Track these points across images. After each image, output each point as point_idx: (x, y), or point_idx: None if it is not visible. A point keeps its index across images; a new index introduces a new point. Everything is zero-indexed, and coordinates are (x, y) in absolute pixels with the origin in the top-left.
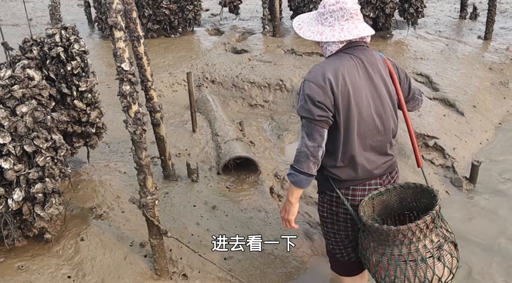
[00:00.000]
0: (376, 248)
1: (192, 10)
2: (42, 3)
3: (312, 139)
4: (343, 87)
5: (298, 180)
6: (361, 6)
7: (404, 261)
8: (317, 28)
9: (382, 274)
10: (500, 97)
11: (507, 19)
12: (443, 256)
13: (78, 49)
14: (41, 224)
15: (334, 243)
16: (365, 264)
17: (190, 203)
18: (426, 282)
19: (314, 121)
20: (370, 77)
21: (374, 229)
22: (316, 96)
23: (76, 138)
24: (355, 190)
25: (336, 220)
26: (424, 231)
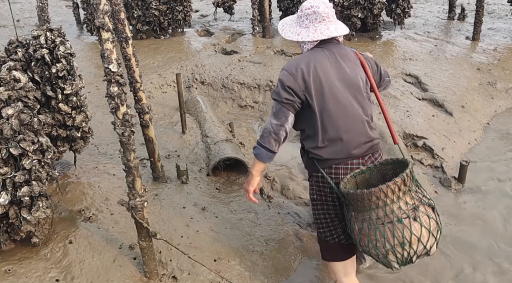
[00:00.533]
0: (357, 216)
1: (181, 11)
2: (30, 4)
3: (277, 118)
4: (315, 75)
5: (260, 153)
6: (349, 7)
7: (382, 223)
8: (296, 29)
9: (365, 240)
10: (488, 98)
11: (495, 20)
12: (419, 217)
13: (64, 52)
14: (28, 228)
15: (324, 225)
16: (353, 238)
17: (179, 204)
18: (405, 242)
19: (281, 103)
20: (341, 66)
21: (351, 196)
22: (286, 82)
23: (61, 142)
24: (337, 168)
25: (325, 201)
26: (396, 193)
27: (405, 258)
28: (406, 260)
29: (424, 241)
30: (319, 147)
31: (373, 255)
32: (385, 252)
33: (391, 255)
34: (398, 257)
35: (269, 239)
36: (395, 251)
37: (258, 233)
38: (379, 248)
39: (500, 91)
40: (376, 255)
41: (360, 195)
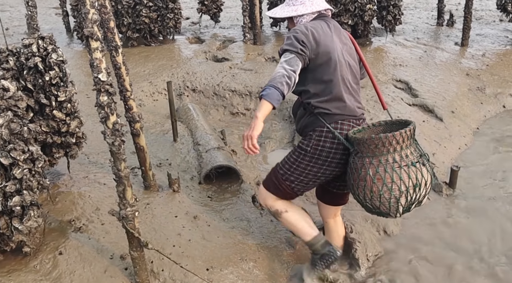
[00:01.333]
0: (372, 161)
1: (172, 18)
2: (19, 12)
3: (290, 64)
4: (325, 37)
5: (270, 92)
6: (340, 13)
7: (399, 166)
8: (290, 8)
9: (380, 185)
10: (478, 103)
11: (483, 26)
12: (425, 163)
13: (56, 59)
14: (20, 237)
15: (296, 173)
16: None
17: (171, 213)
18: (417, 184)
19: (295, 53)
20: (338, 35)
21: (370, 141)
22: (300, 37)
23: (56, 149)
24: (343, 123)
25: (318, 155)
26: (410, 139)
27: (410, 203)
28: (409, 205)
29: (427, 186)
30: (327, 101)
31: (383, 201)
32: (399, 194)
33: (403, 198)
34: (408, 200)
35: (262, 246)
36: (408, 194)
37: (250, 241)
38: (394, 191)
39: (489, 97)
40: (388, 200)
41: (383, 138)
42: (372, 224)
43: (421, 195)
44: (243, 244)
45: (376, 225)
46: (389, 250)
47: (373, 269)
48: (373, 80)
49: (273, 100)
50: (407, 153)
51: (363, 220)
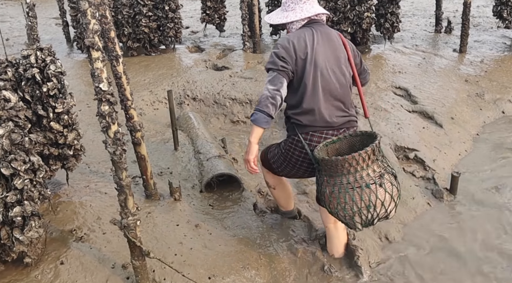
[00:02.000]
0: (329, 180)
1: (172, 28)
2: (19, 23)
3: (273, 84)
4: (304, 49)
5: (258, 117)
6: (339, 21)
7: (352, 188)
8: (283, 14)
9: (335, 203)
10: (477, 109)
11: (481, 32)
12: (384, 183)
13: (55, 70)
14: (21, 248)
15: (277, 163)
16: (322, 201)
17: (173, 222)
18: (370, 205)
19: (277, 71)
20: (326, 44)
21: (326, 162)
22: (281, 53)
23: (53, 160)
24: (313, 135)
25: (289, 158)
26: (366, 161)
27: (368, 220)
28: (369, 222)
29: (386, 205)
30: (300, 113)
31: (340, 217)
32: (352, 214)
33: (357, 217)
34: (363, 218)
35: (264, 254)
36: (361, 213)
37: (252, 249)
38: (347, 210)
39: (488, 103)
40: (343, 217)
41: (334, 161)
42: (374, 231)
43: (380, 213)
44: (245, 252)
45: (378, 232)
46: (391, 257)
47: (375, 276)
48: (359, 88)
49: (261, 123)
50: (362, 174)
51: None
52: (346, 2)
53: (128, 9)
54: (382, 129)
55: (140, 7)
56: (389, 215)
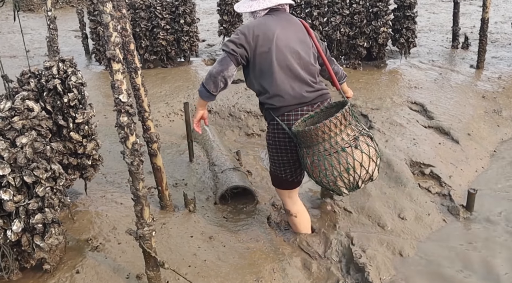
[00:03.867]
0: (308, 151)
1: (187, 41)
2: (40, 35)
3: (220, 64)
4: (265, 35)
5: (201, 90)
6: (355, 36)
7: (329, 154)
8: (248, 4)
9: (317, 172)
10: (494, 125)
11: (498, 48)
12: (359, 145)
13: (75, 82)
14: (41, 254)
15: (277, 165)
16: (306, 172)
17: (187, 233)
18: (349, 167)
19: (227, 53)
20: (287, 28)
21: (301, 134)
22: (238, 40)
23: (71, 170)
24: (289, 115)
25: (278, 145)
26: (338, 126)
27: (351, 183)
28: (353, 185)
29: (366, 166)
30: (270, 97)
31: (324, 184)
32: (334, 178)
33: (340, 181)
34: (345, 182)
35: (277, 268)
36: (342, 177)
37: (265, 263)
38: (328, 176)
39: (505, 119)
40: (327, 183)
41: (308, 131)
42: (388, 247)
43: (361, 175)
44: (258, 265)
45: (392, 248)
46: (404, 273)
47: None
48: (326, 63)
49: (203, 97)
50: (336, 139)
51: (378, 243)
52: (362, 17)
53: (146, 22)
54: (397, 144)
55: (158, 20)
56: (372, 176)
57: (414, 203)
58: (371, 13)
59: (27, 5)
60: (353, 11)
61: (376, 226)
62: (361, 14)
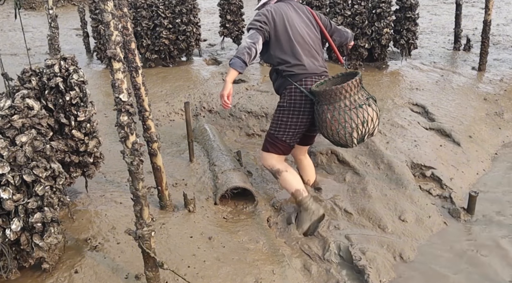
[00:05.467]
0: (329, 107)
1: (184, 40)
2: (41, 33)
3: (251, 38)
4: (281, 16)
5: (235, 62)
6: (356, 37)
7: (349, 109)
8: None
9: (336, 125)
10: (496, 128)
11: (500, 51)
12: (371, 104)
13: (77, 80)
14: (40, 253)
15: (282, 127)
16: (322, 128)
17: (186, 234)
18: (365, 121)
19: (255, 29)
20: (298, 13)
21: (326, 92)
22: (261, 19)
23: (73, 168)
24: (306, 80)
25: (293, 107)
26: (356, 87)
27: (362, 135)
28: (362, 137)
29: (374, 121)
30: (292, 65)
31: (340, 136)
32: (351, 130)
33: (355, 132)
34: (359, 133)
35: (277, 269)
36: (358, 129)
37: (265, 264)
38: (347, 128)
39: (507, 122)
40: (344, 135)
41: (334, 90)
42: (388, 249)
43: (370, 128)
44: (258, 266)
45: (392, 250)
46: (404, 275)
47: None
48: (330, 42)
49: (237, 67)
50: (355, 98)
51: (378, 245)
52: (364, 18)
53: (147, 21)
54: (398, 146)
55: (161, 19)
56: (374, 131)
57: (414, 205)
58: (373, 14)
59: (29, 3)
60: (355, 12)
61: (376, 228)
62: (362, 15)
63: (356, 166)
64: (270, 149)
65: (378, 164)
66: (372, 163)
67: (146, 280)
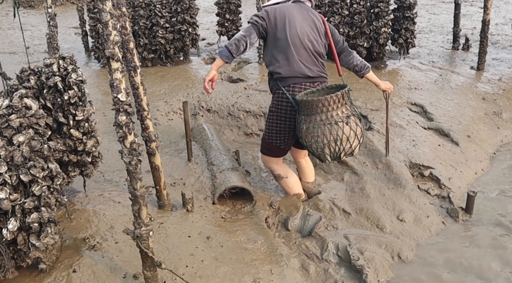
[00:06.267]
0: (305, 118)
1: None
2: (40, 31)
3: (244, 31)
4: (283, 14)
5: (222, 51)
6: (355, 36)
7: (324, 124)
8: None
9: (309, 137)
10: (494, 127)
11: (499, 50)
12: (350, 122)
13: (76, 79)
14: (36, 254)
15: (273, 132)
16: (300, 137)
17: (185, 233)
18: (338, 138)
19: (252, 23)
20: (304, 15)
21: (304, 103)
22: (260, 14)
23: (71, 167)
24: (294, 87)
25: (279, 113)
26: (336, 103)
27: (336, 153)
28: (336, 155)
29: (351, 141)
30: (280, 66)
31: (313, 149)
32: (323, 145)
33: (327, 149)
34: (331, 150)
35: (275, 269)
36: (330, 146)
37: (263, 264)
38: (319, 143)
39: (506, 121)
40: (316, 149)
41: (310, 101)
42: (386, 249)
43: (345, 148)
44: (256, 266)
45: (390, 250)
46: (402, 275)
47: None
48: (333, 51)
49: (223, 56)
50: (332, 113)
51: (376, 245)
52: (362, 17)
53: (145, 21)
54: (397, 145)
55: (157, 18)
56: (353, 151)
57: (413, 205)
58: (372, 13)
59: (28, 2)
60: (354, 11)
61: (374, 228)
62: (361, 14)
63: (355, 166)
64: (266, 152)
65: (376, 163)
66: (370, 163)
67: (144, 280)
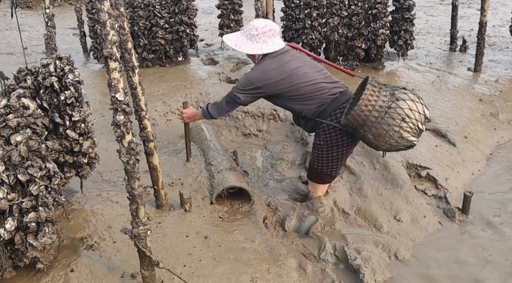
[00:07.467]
0: (365, 129)
1: (177, 40)
2: (38, 32)
3: (228, 106)
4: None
5: (205, 113)
6: (353, 37)
7: (381, 118)
8: (255, 45)
9: (381, 139)
10: (491, 128)
11: (496, 52)
12: (398, 97)
13: (72, 79)
14: (34, 253)
15: (325, 163)
16: (376, 148)
17: (182, 233)
18: (403, 117)
19: (237, 100)
20: (296, 57)
21: (351, 119)
22: (248, 91)
23: (67, 168)
24: (336, 113)
25: (330, 143)
26: (373, 95)
27: (414, 129)
28: (417, 130)
29: (415, 108)
30: (316, 111)
31: (394, 145)
32: (399, 133)
33: (404, 133)
34: (409, 130)
35: (273, 269)
36: (403, 128)
37: (261, 263)
38: (393, 135)
39: (502, 122)
40: (396, 141)
41: (353, 113)
42: (383, 249)
43: (417, 118)
44: (254, 265)
45: (387, 250)
46: (399, 274)
47: None
48: (328, 63)
49: (206, 118)
50: (379, 104)
51: (373, 245)
52: (360, 19)
53: (144, 21)
54: None
55: (157, 19)
56: (425, 114)
57: (410, 205)
58: (370, 15)
59: (25, 2)
60: (352, 13)
61: (372, 228)
62: (359, 15)
63: (352, 166)
64: (316, 181)
65: (373, 163)
66: (367, 163)
67: (142, 279)
